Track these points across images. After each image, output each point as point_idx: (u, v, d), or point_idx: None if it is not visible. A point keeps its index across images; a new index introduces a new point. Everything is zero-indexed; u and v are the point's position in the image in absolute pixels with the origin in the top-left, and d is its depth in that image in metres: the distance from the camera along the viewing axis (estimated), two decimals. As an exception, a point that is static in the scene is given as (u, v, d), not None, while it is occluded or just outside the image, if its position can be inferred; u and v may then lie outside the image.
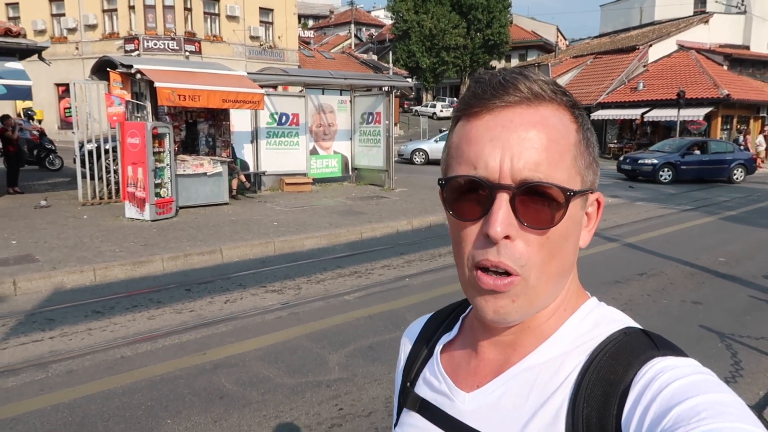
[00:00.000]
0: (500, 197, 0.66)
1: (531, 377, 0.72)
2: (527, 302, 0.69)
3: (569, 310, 0.75)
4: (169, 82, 10.35)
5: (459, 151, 0.71)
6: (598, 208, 0.76)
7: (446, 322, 0.91)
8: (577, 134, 0.71)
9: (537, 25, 57.01)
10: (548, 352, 0.73)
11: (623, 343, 0.69)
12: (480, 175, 0.67)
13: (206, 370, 4.49)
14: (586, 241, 0.76)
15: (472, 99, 0.70)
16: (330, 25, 62.59)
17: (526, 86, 0.68)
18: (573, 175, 0.69)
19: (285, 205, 12.01)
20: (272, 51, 32.24)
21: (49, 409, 3.86)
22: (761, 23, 33.02)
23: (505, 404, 0.72)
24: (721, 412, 0.56)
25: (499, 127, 0.67)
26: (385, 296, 6.40)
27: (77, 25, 28.87)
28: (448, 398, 0.79)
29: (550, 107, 0.69)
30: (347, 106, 15.55)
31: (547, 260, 0.68)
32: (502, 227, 0.65)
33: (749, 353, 4.92)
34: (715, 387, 0.60)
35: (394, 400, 0.95)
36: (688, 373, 0.62)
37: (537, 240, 0.67)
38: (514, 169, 0.66)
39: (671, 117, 24.90)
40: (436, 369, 0.84)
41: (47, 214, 10.36)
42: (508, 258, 0.66)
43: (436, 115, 44.11)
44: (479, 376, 0.78)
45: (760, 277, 7.28)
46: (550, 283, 0.70)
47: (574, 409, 0.67)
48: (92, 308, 5.95)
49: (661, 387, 0.61)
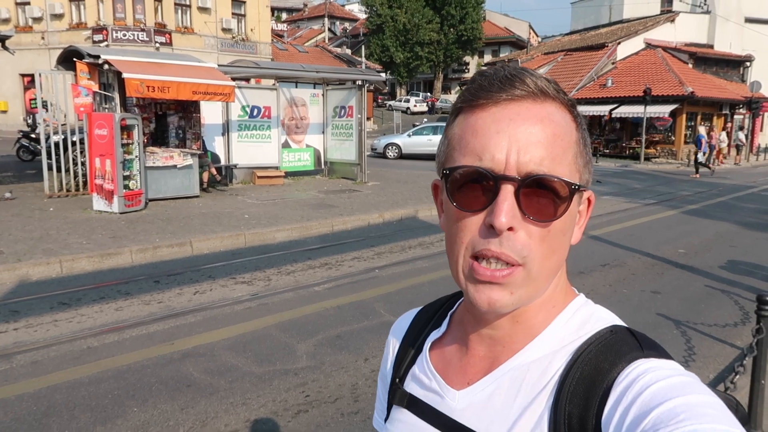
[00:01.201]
0: (505, 189, 0.66)
1: (520, 375, 0.73)
2: (525, 294, 0.70)
3: (557, 307, 0.76)
4: (138, 73, 10.23)
5: (463, 142, 0.71)
6: (589, 206, 0.77)
7: (435, 318, 0.91)
8: (577, 132, 0.72)
9: (510, 22, 57.55)
10: (538, 350, 0.73)
11: (608, 342, 0.70)
12: (486, 166, 0.67)
13: (174, 360, 4.51)
14: (578, 237, 0.76)
15: (479, 91, 0.70)
16: (304, 18, 62.15)
17: (533, 81, 0.69)
18: (573, 171, 0.70)
19: (257, 198, 11.99)
20: (245, 44, 31.91)
21: (14, 398, 3.85)
22: (724, 23, 33.90)
23: (495, 402, 0.73)
24: (700, 414, 0.57)
25: (506, 119, 0.68)
26: (354, 287, 6.48)
27: (43, 14, 28.13)
28: (438, 395, 0.79)
29: (554, 104, 0.70)
30: (320, 99, 15.54)
31: (547, 254, 0.69)
32: (507, 218, 0.65)
33: (702, 339, 5.15)
34: (695, 389, 0.61)
35: (378, 392, 0.97)
36: (669, 375, 0.63)
37: (539, 233, 0.68)
38: (520, 162, 0.66)
39: (638, 113, 25.47)
40: (426, 366, 0.84)
41: (12, 207, 10.16)
42: (509, 249, 0.67)
43: (410, 110, 44.28)
44: (469, 373, 0.78)
45: (716, 268, 7.57)
46: (549, 276, 0.72)
47: (557, 406, 0.67)
48: (58, 300, 5.90)
49: (642, 388, 0.61)
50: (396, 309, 5.69)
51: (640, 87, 25.50)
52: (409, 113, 43.11)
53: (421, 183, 14.77)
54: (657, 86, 25.86)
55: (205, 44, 29.73)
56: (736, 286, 6.79)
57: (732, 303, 6.18)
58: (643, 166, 24.09)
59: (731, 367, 4.36)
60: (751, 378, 3.43)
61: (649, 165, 24.89)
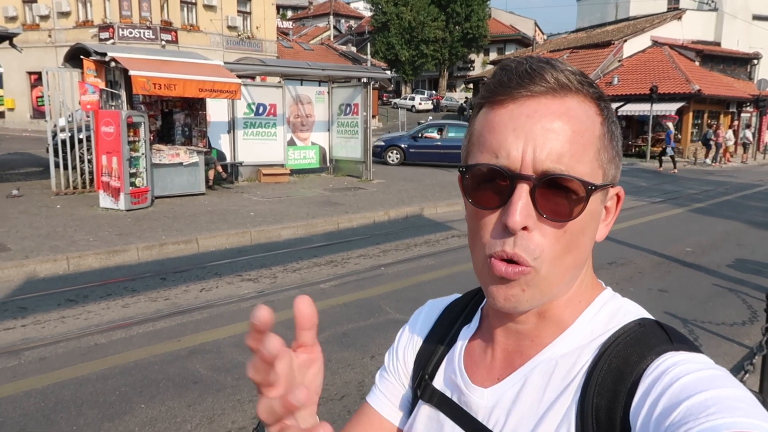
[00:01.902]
0: (520, 187, 0.65)
1: (549, 370, 0.72)
2: (538, 292, 0.69)
3: (584, 302, 0.75)
4: (144, 71, 10.25)
5: (481, 139, 0.70)
6: (618, 203, 0.76)
7: (465, 313, 0.90)
8: (602, 127, 0.70)
9: (515, 19, 57.38)
10: (566, 344, 0.73)
11: (637, 335, 0.69)
12: (501, 164, 0.66)
13: (181, 357, 4.52)
14: (603, 234, 0.75)
15: (498, 87, 0.69)
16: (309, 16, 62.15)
17: (552, 76, 0.67)
18: (595, 168, 0.68)
19: (262, 195, 12.00)
20: (250, 41, 31.93)
21: (22, 395, 3.86)
22: (732, 20, 33.70)
23: (524, 398, 0.73)
24: (731, 407, 0.55)
25: (524, 116, 0.66)
26: (360, 285, 6.48)
27: (50, 12, 28.22)
28: (466, 394, 0.79)
29: (576, 98, 0.68)
30: (325, 97, 15.53)
31: (562, 253, 0.68)
32: (521, 218, 0.64)
33: (709, 338, 5.12)
34: (726, 382, 0.59)
35: (385, 363, 0.95)
36: (699, 368, 0.61)
37: (554, 232, 0.67)
38: (536, 160, 0.65)
39: (645, 111, 25.35)
40: (456, 364, 0.83)
41: (19, 204, 10.20)
42: (522, 249, 0.66)
43: (415, 108, 44.22)
44: (497, 369, 0.78)
45: (723, 266, 7.53)
46: (565, 275, 0.70)
47: (585, 397, 0.67)
48: (65, 297, 5.92)
49: (672, 381, 0.60)
50: (402, 306, 5.69)
51: (647, 85, 25.37)
52: (414, 111, 43.04)
53: (426, 181, 14.74)
54: (663, 84, 25.74)
55: (211, 42, 29.77)
56: (744, 284, 6.75)
57: (740, 302, 6.15)
58: (649, 164, 23.99)
59: (740, 365, 4.34)
60: (760, 377, 3.41)
61: (655, 163, 24.78)
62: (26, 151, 18.82)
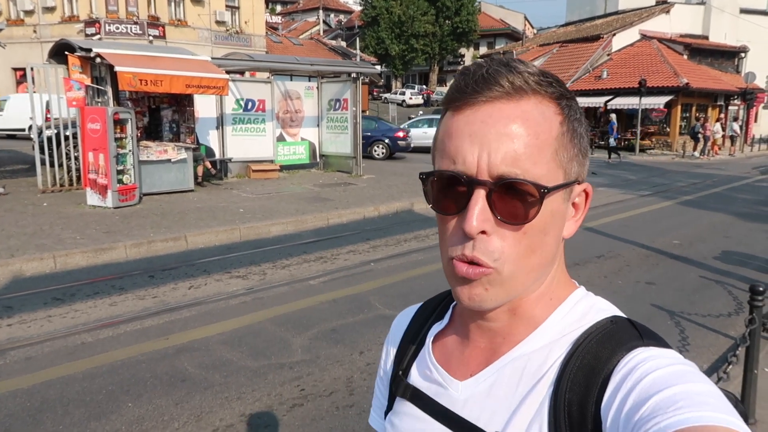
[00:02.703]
0: (477, 193, 0.67)
1: (521, 365, 0.73)
2: (502, 291, 0.70)
3: (556, 300, 0.76)
4: (130, 67, 10.15)
5: (442, 145, 0.72)
6: (586, 199, 0.76)
7: (437, 311, 0.91)
8: (561, 126, 0.70)
9: (505, 13, 57.41)
10: (538, 341, 0.74)
11: (609, 332, 0.70)
12: (458, 170, 0.68)
13: (168, 355, 4.50)
14: (572, 231, 0.76)
15: (456, 93, 0.70)
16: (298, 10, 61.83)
17: (508, 80, 0.67)
18: (553, 168, 0.69)
19: (251, 191, 11.95)
20: (239, 36, 31.72)
21: (7, 395, 3.83)
22: (719, 14, 33.89)
23: (497, 392, 0.74)
24: (699, 402, 0.57)
25: (479, 122, 0.68)
26: (349, 281, 6.47)
27: (35, 7, 27.86)
28: (441, 387, 0.80)
29: (533, 100, 0.69)
30: (314, 92, 15.47)
31: (524, 254, 0.69)
32: (478, 222, 0.66)
33: (696, 329, 5.17)
34: (694, 378, 0.61)
35: (376, 390, 0.98)
36: (669, 363, 0.63)
37: (513, 235, 0.68)
38: (491, 165, 0.66)
39: (633, 105, 25.47)
40: (428, 358, 0.84)
41: (5, 202, 10.09)
42: (481, 253, 0.67)
43: (405, 103, 44.19)
44: (471, 365, 0.79)
45: (710, 259, 7.59)
46: (531, 274, 0.71)
47: (557, 393, 0.68)
48: (52, 295, 5.88)
49: (642, 376, 0.62)
50: (391, 302, 5.69)
51: (635, 78, 25.49)
52: (404, 106, 43.00)
53: (416, 176, 14.52)
54: (652, 77, 25.87)
55: (199, 37, 29.55)
56: (730, 276, 6.81)
57: (726, 293, 6.21)
58: (638, 158, 24.12)
59: (725, 357, 4.38)
60: (743, 368, 3.45)
61: (644, 156, 24.93)
62: (12, 148, 18.62)
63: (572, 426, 0.66)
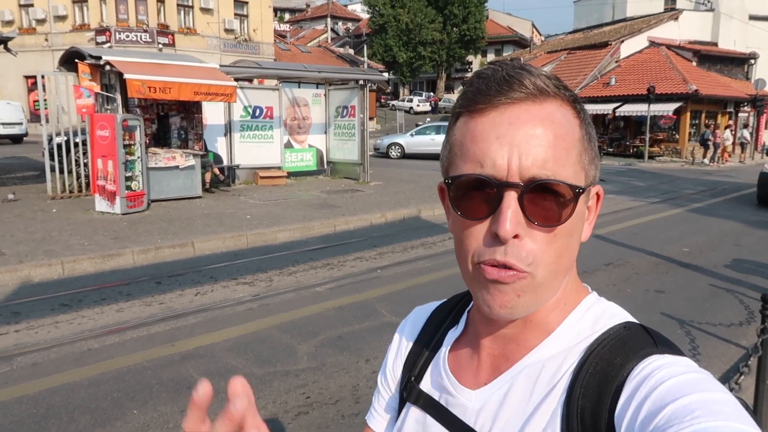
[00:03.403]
0: (508, 196, 0.65)
1: (534, 373, 0.72)
2: (534, 298, 0.68)
3: (570, 305, 0.75)
4: (139, 74, 10.23)
5: (464, 149, 0.70)
6: (598, 201, 0.76)
7: (451, 316, 0.90)
8: (581, 130, 0.70)
9: (512, 21, 57.48)
10: (552, 347, 0.73)
11: (622, 338, 0.69)
12: (487, 173, 0.66)
13: (174, 361, 4.49)
14: (588, 234, 0.75)
15: (477, 95, 0.68)
16: (306, 18, 62.19)
17: (530, 81, 0.67)
18: (578, 171, 0.69)
19: (259, 198, 11.97)
20: (247, 44, 31.94)
21: (13, 401, 3.83)
22: (728, 20, 33.77)
23: (511, 401, 0.72)
24: (715, 411, 0.55)
25: (506, 124, 0.66)
26: (356, 287, 6.45)
27: (46, 15, 28.21)
28: (453, 396, 0.79)
29: (555, 103, 0.68)
30: (322, 99, 15.51)
31: (555, 257, 0.68)
32: (512, 226, 0.64)
33: (706, 339, 5.10)
34: (710, 386, 0.60)
35: (378, 388, 0.96)
36: (683, 371, 0.62)
37: (545, 237, 0.67)
38: (522, 167, 0.65)
39: (642, 112, 25.37)
40: (442, 366, 0.83)
41: (15, 208, 10.17)
42: (514, 257, 0.66)
43: (413, 110, 44.24)
44: (484, 373, 0.78)
45: (720, 267, 7.50)
46: (557, 279, 0.70)
47: (570, 400, 0.67)
48: (60, 301, 5.89)
49: (656, 384, 0.61)
50: (398, 309, 5.66)
51: (644, 85, 25.40)
52: (412, 113, 43.06)
53: (423, 183, 14.73)
54: (661, 84, 25.76)
55: (208, 45, 29.78)
56: (741, 285, 6.73)
57: (737, 302, 6.13)
58: (647, 165, 23.99)
59: (736, 367, 4.32)
60: (756, 378, 3.39)
61: (653, 163, 24.79)
62: (23, 155, 18.79)
63: None
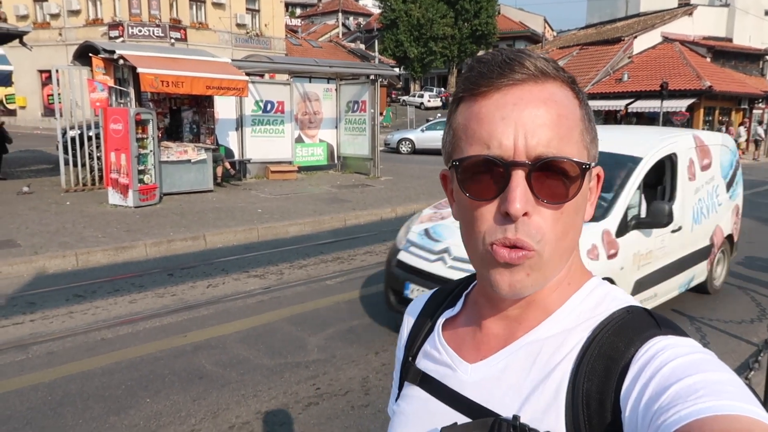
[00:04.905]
0: (516, 174, 0.66)
1: (534, 351, 0.73)
2: (541, 276, 0.70)
3: (573, 285, 0.76)
4: (152, 68, 10.30)
5: (469, 131, 0.70)
6: (598, 182, 0.77)
7: (449, 299, 0.91)
8: (581, 109, 0.72)
9: (524, 16, 57.05)
10: (553, 326, 0.74)
11: (626, 321, 0.70)
12: (494, 153, 0.67)
13: (186, 352, 4.55)
14: (590, 214, 0.76)
15: (479, 79, 0.69)
16: (318, 13, 62.13)
17: (531, 63, 0.68)
18: (581, 149, 0.70)
19: (270, 192, 12.03)
20: (259, 39, 31.99)
21: (29, 388, 3.91)
22: (744, 16, 33.34)
23: (508, 377, 0.73)
24: (719, 391, 0.56)
25: (510, 105, 0.67)
26: (366, 281, 6.48)
27: (60, 10, 28.43)
28: (450, 369, 0.80)
29: (555, 84, 0.70)
30: (333, 94, 15.53)
31: (562, 234, 0.69)
32: (521, 204, 0.66)
33: (717, 335, 5.08)
34: (714, 366, 0.60)
35: (394, 375, 0.97)
36: (688, 352, 0.63)
37: (552, 215, 0.68)
38: (528, 146, 0.66)
39: (655, 108, 25.13)
40: (437, 342, 0.84)
41: (29, 200, 10.30)
42: (525, 235, 0.67)
43: (424, 105, 44.07)
44: (483, 349, 0.78)
45: (733, 264, 7.43)
46: (562, 257, 0.71)
47: (575, 383, 0.68)
48: (73, 292, 5.98)
49: (661, 365, 0.61)
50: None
51: (657, 81, 25.14)
52: (422, 108, 42.90)
53: (433, 178, 14.70)
54: (674, 80, 25.50)
55: (220, 40, 29.87)
56: (753, 282, 6.69)
57: (748, 299, 6.10)
58: (659, 162, 23.76)
59: (747, 363, 4.30)
60: (766, 374, 3.38)
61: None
62: (37, 148, 18.99)
63: (590, 416, 0.66)
